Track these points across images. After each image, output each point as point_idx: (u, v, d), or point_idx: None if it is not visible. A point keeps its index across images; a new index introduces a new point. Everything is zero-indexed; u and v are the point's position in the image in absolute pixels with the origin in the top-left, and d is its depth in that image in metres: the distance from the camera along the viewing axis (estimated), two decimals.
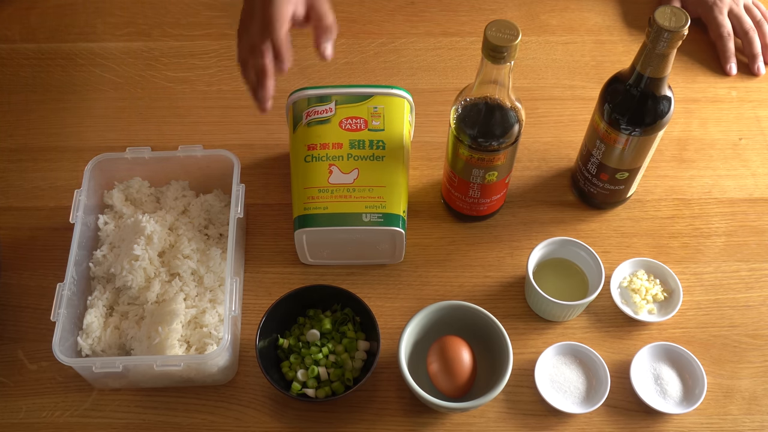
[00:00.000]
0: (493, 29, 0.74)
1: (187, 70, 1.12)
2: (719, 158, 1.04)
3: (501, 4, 1.19)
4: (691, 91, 1.10)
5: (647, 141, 0.86)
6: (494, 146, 0.84)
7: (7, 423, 0.84)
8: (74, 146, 1.04)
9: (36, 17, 1.17)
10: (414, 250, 0.95)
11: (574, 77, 1.11)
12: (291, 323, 0.88)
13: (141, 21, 1.17)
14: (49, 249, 0.95)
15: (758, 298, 0.92)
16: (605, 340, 0.89)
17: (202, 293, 0.88)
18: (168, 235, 0.90)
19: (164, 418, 0.85)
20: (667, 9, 0.75)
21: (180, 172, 0.95)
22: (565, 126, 1.06)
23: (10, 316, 0.91)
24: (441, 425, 0.84)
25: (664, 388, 0.85)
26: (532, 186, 1.01)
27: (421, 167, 1.02)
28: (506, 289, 0.93)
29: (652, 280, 0.92)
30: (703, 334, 0.90)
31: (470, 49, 1.14)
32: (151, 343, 0.82)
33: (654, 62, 0.79)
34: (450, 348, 0.82)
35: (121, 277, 0.86)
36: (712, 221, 0.98)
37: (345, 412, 0.85)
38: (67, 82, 1.10)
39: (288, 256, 0.95)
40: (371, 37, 1.15)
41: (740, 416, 0.85)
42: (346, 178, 0.89)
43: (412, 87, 1.05)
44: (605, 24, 1.17)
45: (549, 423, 0.84)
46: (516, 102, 0.83)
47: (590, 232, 0.97)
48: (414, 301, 0.92)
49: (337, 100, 0.94)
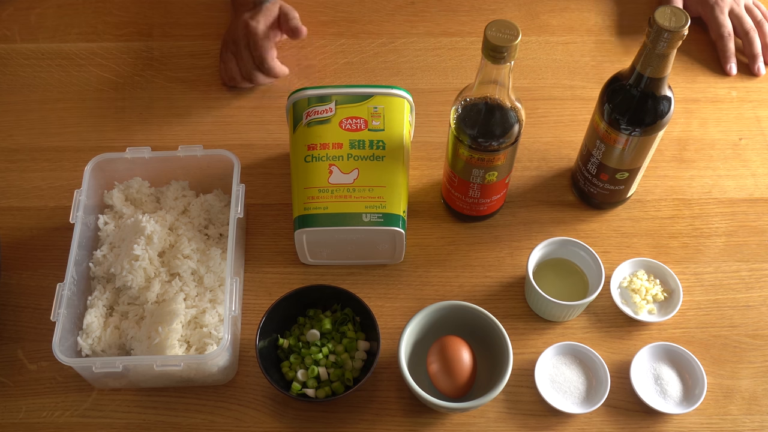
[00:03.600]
0: (493, 29, 0.74)
1: (187, 70, 1.12)
2: (719, 158, 1.04)
3: (501, 4, 1.19)
4: (691, 91, 1.10)
5: (647, 141, 0.86)
6: (494, 146, 0.84)
7: (7, 423, 0.84)
8: (74, 146, 1.04)
9: (36, 17, 1.17)
10: (414, 250, 0.95)
11: (574, 77, 1.11)
12: (291, 323, 0.88)
13: (141, 21, 1.17)
14: (49, 249, 0.95)
15: (758, 298, 0.92)
16: (605, 340, 0.89)
17: (202, 293, 0.88)
18: (168, 235, 0.90)
19: (164, 418, 0.85)
20: (667, 9, 0.75)
21: (180, 172, 0.95)
22: (565, 126, 1.06)
23: (10, 316, 0.91)
24: (441, 425, 0.84)
25: (664, 388, 0.85)
26: (532, 186, 1.01)
27: (421, 167, 1.02)
28: (506, 289, 0.93)
29: (652, 280, 0.92)
30: (703, 334, 0.90)
31: (470, 49, 1.14)
32: (151, 343, 0.82)
33: (654, 62, 0.79)
34: (450, 348, 0.82)
35: (121, 277, 0.86)
36: (712, 221, 0.98)
37: (345, 412, 0.85)
38: (67, 82, 1.10)
39: (288, 256, 0.95)
40: (371, 37, 1.15)
41: (740, 416, 0.85)
42: (346, 178, 0.89)
43: (412, 87, 1.05)
44: (605, 24, 1.17)
45: (549, 423, 0.84)
46: (516, 102, 0.83)
47: (590, 232, 0.97)
48: (414, 301, 0.92)
49: (337, 100, 0.94)
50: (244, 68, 1.05)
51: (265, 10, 1.05)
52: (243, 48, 1.04)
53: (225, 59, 1.06)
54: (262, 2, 1.06)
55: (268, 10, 1.05)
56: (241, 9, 1.08)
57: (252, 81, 1.06)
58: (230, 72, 1.06)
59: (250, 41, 1.03)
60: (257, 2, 1.06)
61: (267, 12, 1.05)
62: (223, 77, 1.08)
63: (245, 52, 1.04)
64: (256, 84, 1.07)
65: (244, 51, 1.04)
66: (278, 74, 1.05)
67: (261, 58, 1.03)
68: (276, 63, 1.04)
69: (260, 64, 1.03)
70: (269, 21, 1.05)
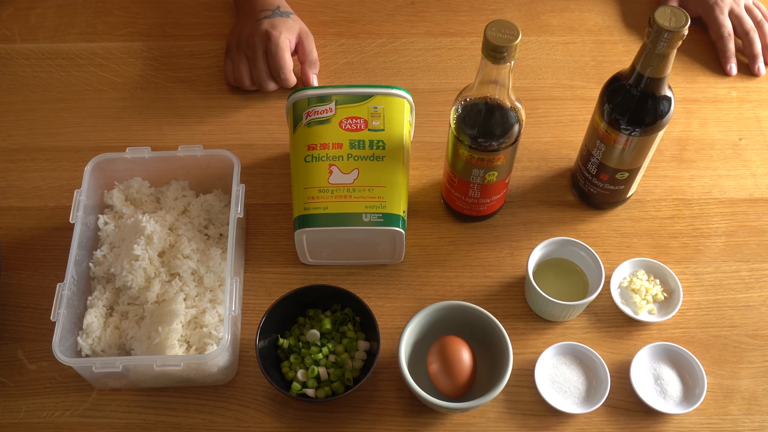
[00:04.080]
0: (493, 29, 0.74)
1: (187, 70, 1.12)
2: (719, 158, 1.04)
3: (501, 4, 1.19)
4: (691, 91, 1.10)
5: (647, 141, 0.86)
6: (494, 146, 0.84)
7: (7, 423, 0.84)
8: (74, 146, 1.04)
9: (36, 17, 1.17)
10: (414, 250, 0.95)
11: (574, 77, 1.11)
12: (291, 323, 0.88)
13: (141, 21, 1.17)
14: (49, 249, 0.95)
15: (758, 298, 0.92)
16: (605, 340, 0.89)
17: (202, 293, 0.88)
18: (168, 235, 0.90)
19: (164, 418, 0.85)
20: (667, 9, 0.75)
21: (180, 172, 0.95)
22: (565, 126, 1.06)
23: (10, 316, 0.91)
24: (441, 425, 0.84)
25: (664, 388, 0.85)
26: (532, 186, 1.01)
27: (421, 167, 1.02)
28: (506, 289, 0.93)
29: (652, 280, 0.92)
30: (703, 334, 0.90)
31: (470, 49, 1.14)
32: (151, 343, 0.82)
33: (654, 62, 0.79)
34: (450, 348, 0.82)
35: (121, 277, 0.86)
36: (712, 221, 0.98)
37: (345, 412, 0.85)
38: (67, 82, 1.10)
39: (288, 256, 0.95)
40: (371, 37, 1.15)
41: (740, 416, 0.85)
42: (346, 178, 0.89)
43: (412, 87, 1.05)
44: (605, 24, 1.17)
45: (549, 423, 0.84)
46: (516, 102, 0.83)
47: (590, 232, 0.97)
48: (414, 301, 0.92)
49: (337, 100, 0.94)
50: (256, 74, 1.06)
51: (287, 23, 1.07)
52: (260, 55, 1.05)
53: (236, 60, 1.07)
54: (281, 14, 1.07)
55: (289, 25, 1.07)
56: (251, 14, 1.08)
57: (261, 88, 1.07)
58: (240, 74, 1.06)
59: (270, 50, 1.04)
60: (274, 12, 1.07)
61: (288, 26, 1.06)
62: (229, 77, 1.08)
63: (262, 60, 1.05)
64: (263, 91, 1.07)
65: (261, 58, 1.05)
66: (289, 85, 1.07)
67: (279, 68, 1.04)
68: (291, 75, 1.06)
69: (277, 74, 1.05)
70: (290, 35, 1.06)
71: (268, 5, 1.09)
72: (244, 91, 1.09)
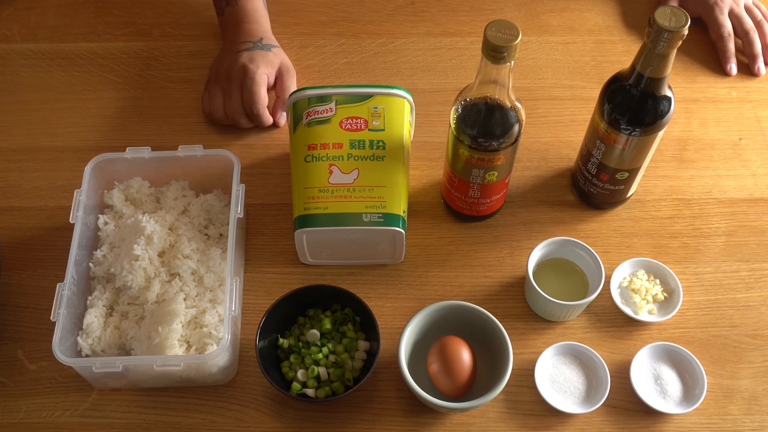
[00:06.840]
0: (493, 29, 0.74)
1: (187, 70, 1.12)
2: (719, 158, 1.04)
3: (501, 4, 1.19)
4: (691, 91, 1.10)
5: (647, 141, 0.86)
6: (494, 146, 0.84)
7: (7, 423, 0.84)
8: (74, 146, 1.04)
9: (36, 17, 1.17)
10: (414, 250, 0.95)
11: (574, 77, 1.11)
12: (291, 323, 0.88)
13: (141, 21, 1.17)
14: (49, 249, 0.95)
15: (758, 298, 0.92)
16: (605, 340, 0.89)
17: (202, 293, 0.88)
18: (168, 235, 0.90)
19: (164, 418, 0.85)
20: (667, 9, 0.75)
21: (180, 172, 0.95)
22: (565, 126, 1.06)
23: (10, 316, 0.91)
24: (441, 425, 0.84)
25: (664, 388, 0.85)
26: (532, 186, 1.01)
27: (421, 167, 1.02)
28: (506, 289, 0.93)
29: (652, 280, 0.92)
30: (703, 334, 0.90)
31: (470, 49, 1.14)
32: (151, 343, 0.82)
33: (654, 62, 0.79)
34: (450, 348, 0.82)
35: (121, 277, 0.86)
36: (712, 221, 0.98)
37: (345, 412, 0.85)
38: (67, 82, 1.10)
39: (288, 256, 0.95)
40: (371, 37, 1.15)
41: (740, 416, 0.85)
42: (347, 178, 0.89)
43: (412, 87, 1.05)
44: (605, 24, 1.17)
45: (549, 423, 0.84)
46: (516, 102, 0.83)
47: (590, 232, 0.97)
48: (414, 301, 0.92)
49: (337, 100, 0.94)
50: (230, 108, 1.02)
51: (267, 57, 1.03)
52: (236, 89, 1.01)
53: (212, 92, 1.03)
54: (262, 47, 1.04)
55: (269, 59, 1.03)
56: (232, 45, 1.05)
57: (235, 123, 1.03)
58: (214, 106, 1.03)
59: (245, 84, 1.01)
60: (255, 44, 1.04)
61: (268, 60, 1.03)
62: (205, 108, 1.04)
63: (236, 94, 1.01)
64: (237, 126, 1.04)
65: (236, 92, 1.01)
66: (264, 124, 1.03)
67: (252, 103, 1.00)
68: (265, 112, 1.02)
69: (249, 108, 1.01)
70: (268, 70, 1.02)
71: (251, 36, 1.05)
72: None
